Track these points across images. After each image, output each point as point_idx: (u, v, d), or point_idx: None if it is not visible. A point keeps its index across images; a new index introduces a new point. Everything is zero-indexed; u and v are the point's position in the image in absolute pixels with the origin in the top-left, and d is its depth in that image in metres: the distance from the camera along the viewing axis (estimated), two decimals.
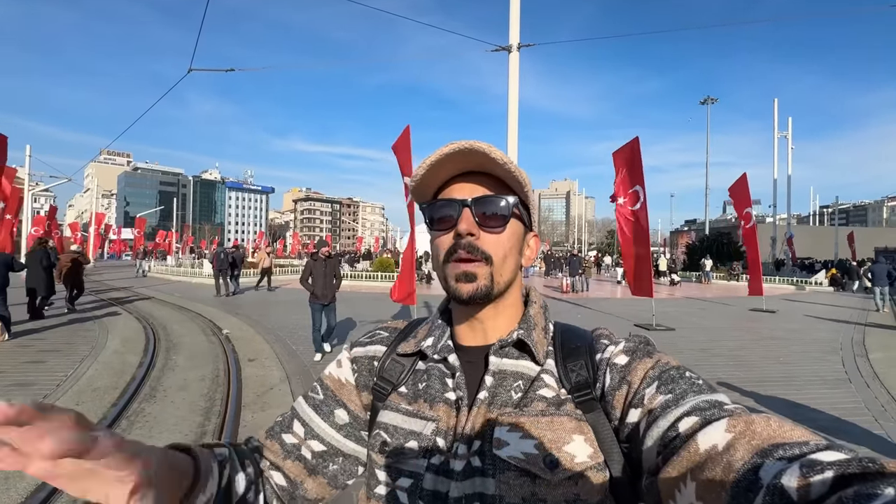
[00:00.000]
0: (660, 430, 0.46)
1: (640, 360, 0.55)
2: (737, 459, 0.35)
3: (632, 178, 9.28)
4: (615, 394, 0.54)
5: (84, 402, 4.55)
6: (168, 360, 6.20)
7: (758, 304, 12.79)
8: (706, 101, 43.35)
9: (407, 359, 0.66)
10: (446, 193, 0.62)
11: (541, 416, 0.55)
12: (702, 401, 0.45)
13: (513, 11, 8.75)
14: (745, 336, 8.84)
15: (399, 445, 0.59)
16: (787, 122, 33.44)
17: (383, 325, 0.74)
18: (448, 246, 0.60)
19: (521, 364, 0.60)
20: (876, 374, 6.03)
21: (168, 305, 11.90)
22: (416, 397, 0.62)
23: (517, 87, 8.82)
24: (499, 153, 0.56)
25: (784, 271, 27.56)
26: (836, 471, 0.29)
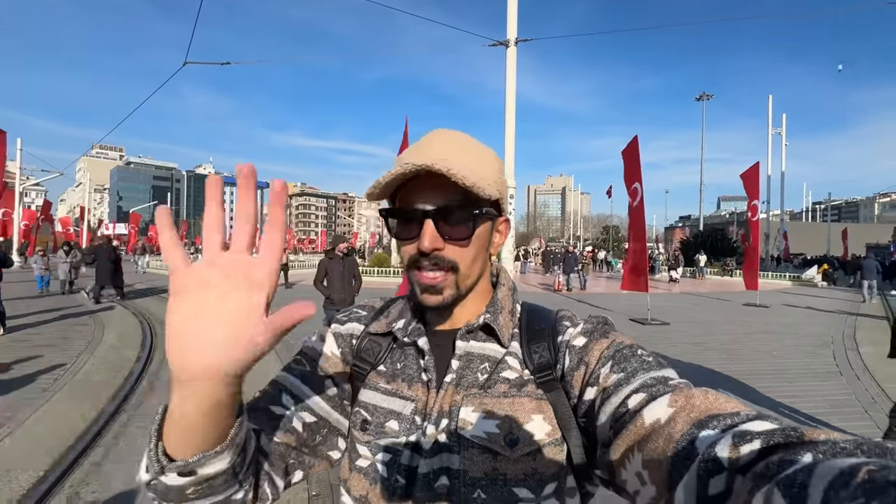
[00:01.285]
0: (612, 406, 0.48)
1: (597, 340, 0.57)
2: (676, 431, 0.38)
3: (632, 175, 9.34)
4: (574, 374, 0.56)
5: (83, 396, 4.55)
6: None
7: (752, 298, 12.93)
8: (701, 97, 43.40)
9: (383, 338, 0.67)
10: (407, 196, 0.59)
11: (503, 397, 0.58)
12: (649, 377, 0.48)
13: (510, 7, 8.74)
14: (739, 330, 8.95)
15: (380, 424, 0.61)
16: (782, 118, 33.67)
17: (360, 304, 0.75)
18: (411, 255, 0.59)
19: (487, 346, 0.62)
20: (866, 366, 6.14)
21: (162, 300, 11.85)
22: (394, 376, 0.64)
23: (514, 82, 8.83)
24: (461, 174, 0.53)
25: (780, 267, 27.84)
26: (762, 440, 0.31)
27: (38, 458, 3.27)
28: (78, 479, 3.00)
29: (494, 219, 0.63)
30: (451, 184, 0.55)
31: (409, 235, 0.59)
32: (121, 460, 3.26)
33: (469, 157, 0.59)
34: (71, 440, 3.56)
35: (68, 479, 3.00)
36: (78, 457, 3.27)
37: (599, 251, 35.61)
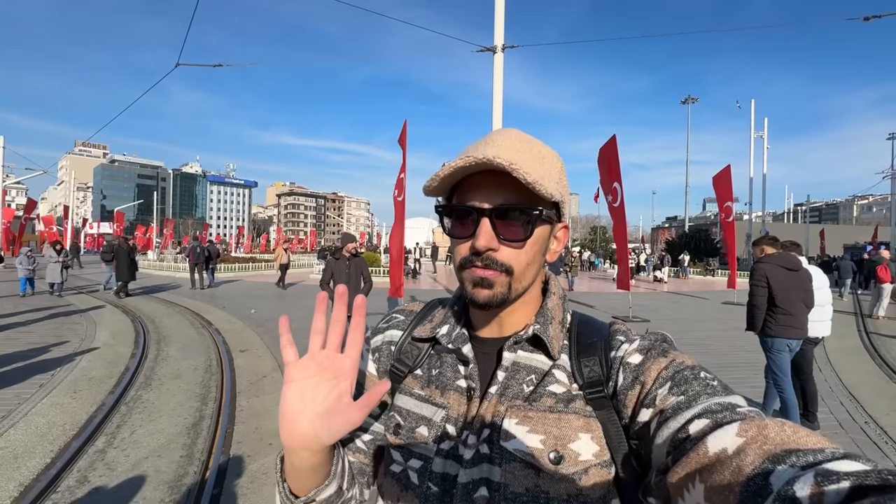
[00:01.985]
0: (670, 430, 0.46)
1: (655, 359, 0.54)
2: (747, 464, 0.35)
3: (612, 175, 9.65)
4: (628, 393, 0.54)
5: (81, 391, 4.69)
6: (160, 352, 6.33)
7: (729, 297, 13.40)
8: (687, 100, 44.27)
9: (423, 343, 0.66)
10: (464, 193, 0.58)
11: (549, 412, 0.56)
12: (714, 403, 0.45)
13: (497, 13, 9.00)
14: (715, 326, 9.35)
15: (411, 429, 0.61)
16: (764, 122, 34.52)
17: (399, 309, 0.74)
18: (464, 255, 0.58)
19: (534, 357, 0.60)
20: (829, 360, 6.54)
21: (153, 300, 11.89)
22: (428, 383, 0.63)
23: (502, 88, 9.09)
24: (524, 171, 0.52)
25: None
26: (853, 481, 0.27)
27: (43, 447, 3.44)
28: (85, 466, 3.17)
29: (553, 223, 0.62)
30: (511, 183, 0.54)
31: (463, 234, 0.58)
32: (124, 448, 3.44)
33: (531, 156, 0.57)
34: (74, 430, 3.72)
35: (75, 465, 3.18)
36: (83, 445, 3.44)
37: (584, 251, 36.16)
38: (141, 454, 3.35)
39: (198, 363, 5.80)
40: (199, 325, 8.44)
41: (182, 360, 5.94)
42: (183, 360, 5.94)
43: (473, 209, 0.56)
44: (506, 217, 0.56)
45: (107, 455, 3.33)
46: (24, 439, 3.57)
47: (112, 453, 3.36)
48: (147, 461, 3.25)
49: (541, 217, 0.57)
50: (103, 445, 3.48)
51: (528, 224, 0.56)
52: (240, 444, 3.57)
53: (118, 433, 3.69)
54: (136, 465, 3.18)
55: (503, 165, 0.51)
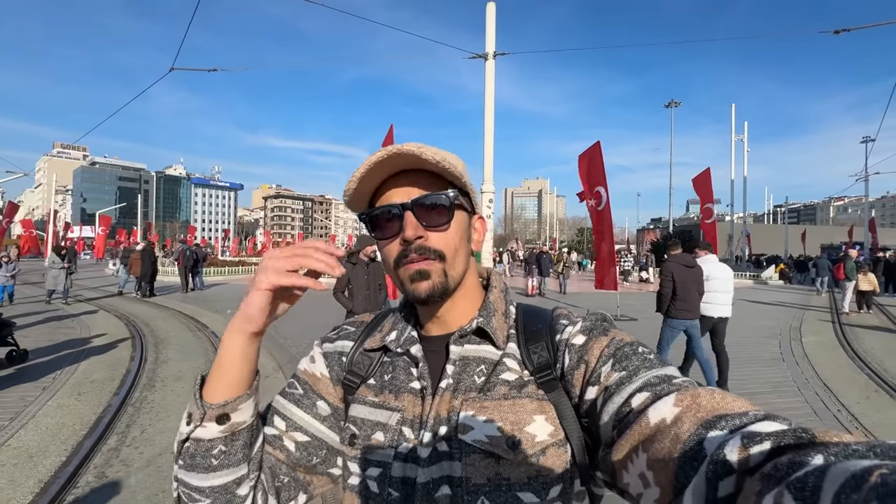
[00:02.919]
0: (615, 405, 0.48)
1: (596, 338, 0.57)
2: (683, 431, 0.38)
3: (595, 179, 9.94)
4: (574, 373, 0.56)
5: (85, 393, 4.75)
6: (159, 354, 6.38)
7: None
8: (670, 104, 45.18)
9: (374, 353, 0.67)
10: (383, 198, 0.61)
11: (503, 399, 0.57)
12: (652, 376, 0.48)
13: (488, 22, 9.25)
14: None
15: (367, 437, 0.60)
16: (744, 126, 35.48)
17: (350, 321, 0.75)
18: (397, 252, 0.60)
19: (482, 349, 0.62)
20: (806, 354, 6.89)
21: (144, 304, 11.82)
22: (382, 388, 0.63)
23: (493, 93, 9.32)
24: (430, 153, 0.56)
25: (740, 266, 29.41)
26: (773, 441, 0.30)
27: (56, 446, 3.53)
28: (101, 463, 3.27)
29: (470, 214, 0.65)
30: (423, 178, 0.60)
31: (390, 233, 0.60)
32: (137, 446, 3.54)
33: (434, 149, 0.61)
34: (84, 430, 3.81)
35: (91, 462, 3.27)
36: (95, 444, 3.53)
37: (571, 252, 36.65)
38: (154, 451, 3.45)
39: (198, 365, 5.87)
40: (195, 328, 8.46)
41: (182, 361, 6.01)
42: (183, 361, 6.01)
43: (395, 206, 0.60)
44: (425, 206, 0.59)
45: (121, 453, 3.43)
46: (37, 439, 3.64)
47: (126, 451, 3.46)
48: (161, 457, 3.36)
49: (456, 200, 0.61)
50: (116, 444, 3.57)
51: (447, 208, 0.60)
52: None
53: (129, 432, 3.79)
54: (151, 462, 3.29)
55: (412, 150, 0.56)
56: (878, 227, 30.76)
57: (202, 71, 8.83)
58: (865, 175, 24.55)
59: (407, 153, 0.56)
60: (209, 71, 8.72)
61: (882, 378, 5.56)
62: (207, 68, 8.65)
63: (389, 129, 8.20)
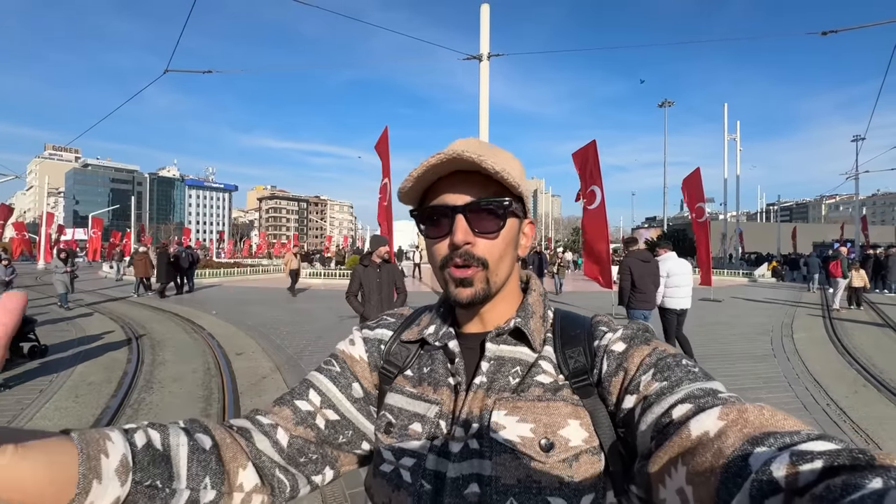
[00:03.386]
0: (654, 415, 0.47)
1: (637, 347, 0.55)
2: (727, 446, 0.36)
3: (591, 178, 10.02)
4: (612, 380, 0.55)
5: (83, 395, 4.76)
6: (156, 356, 6.38)
7: (706, 294, 13.98)
8: (664, 103, 45.51)
9: (413, 345, 0.68)
10: (437, 197, 0.61)
11: (537, 401, 0.56)
12: (696, 388, 0.46)
13: (483, 23, 9.32)
14: (692, 322, 9.72)
15: (403, 426, 0.61)
16: (736, 125, 35.81)
17: (389, 312, 0.76)
18: (444, 254, 0.60)
19: (518, 350, 0.61)
20: (797, 350, 7.00)
21: (139, 306, 11.78)
22: (420, 380, 0.64)
23: (488, 94, 9.40)
24: (490, 161, 0.55)
25: (733, 264, 29.68)
26: (825, 461, 0.29)
27: None
28: None
29: (521, 218, 0.64)
30: (479, 182, 0.59)
31: (439, 234, 0.61)
32: None
33: (494, 153, 0.61)
34: None
35: None
36: None
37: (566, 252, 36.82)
38: None
39: (196, 366, 5.88)
40: (191, 329, 8.46)
41: (179, 363, 6.02)
42: (180, 363, 6.02)
43: (448, 207, 0.59)
44: (478, 211, 0.59)
45: None
46: None
47: None
48: None
49: (510, 208, 0.60)
50: None
51: (500, 216, 0.60)
52: None
53: None
54: None
55: (472, 157, 0.55)
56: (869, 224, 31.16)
57: (196, 73, 8.83)
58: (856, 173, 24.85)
59: (467, 160, 0.55)
60: (203, 73, 8.72)
61: (870, 373, 5.67)
62: (202, 70, 8.66)
63: (384, 132, 8.22)
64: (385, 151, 8.04)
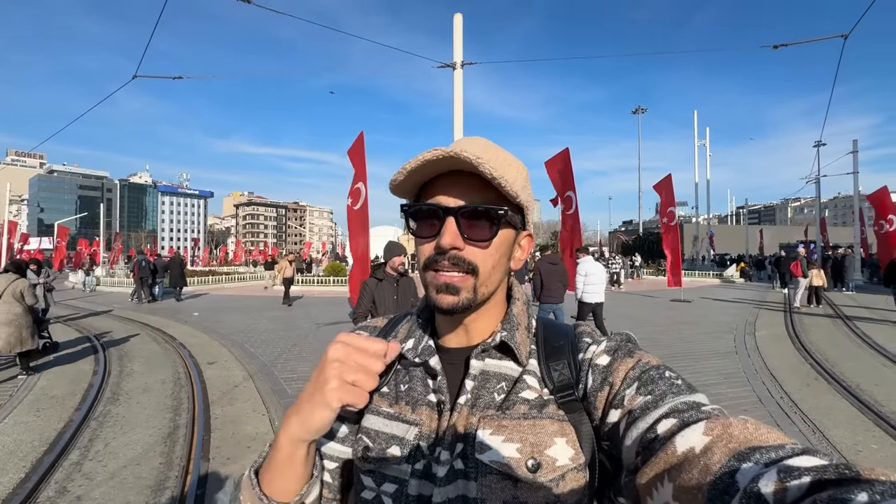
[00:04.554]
0: (639, 431, 0.46)
1: (622, 360, 0.55)
2: (714, 462, 0.36)
3: (566, 184, 10.28)
4: (597, 395, 0.54)
5: (44, 409, 4.62)
6: (124, 367, 6.23)
7: (677, 295, 14.44)
8: (637, 110, 46.91)
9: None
10: (431, 194, 0.58)
11: (523, 419, 0.55)
12: (680, 402, 0.46)
13: (456, 32, 9.47)
14: (663, 322, 10.13)
15: (381, 450, 0.58)
16: (706, 131, 37.12)
17: (363, 325, 0.72)
18: (429, 254, 0.57)
19: (503, 365, 0.59)
20: (757, 347, 7.33)
21: (109, 317, 11.41)
22: (397, 399, 0.61)
23: (461, 101, 9.53)
24: (488, 167, 0.52)
25: (704, 265, 30.65)
26: (813, 476, 0.29)
27: (14, 463, 3.45)
28: (62, 477, 3.22)
29: (518, 230, 0.61)
30: (477, 185, 0.56)
31: (428, 233, 0.58)
32: (101, 459, 3.50)
33: (497, 157, 0.58)
34: (44, 446, 3.73)
35: (52, 477, 3.22)
36: (56, 459, 3.47)
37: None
38: (119, 464, 3.42)
39: (165, 377, 5.77)
40: (162, 339, 8.27)
41: (148, 374, 5.89)
42: (149, 374, 5.89)
43: (439, 208, 0.56)
44: (471, 217, 0.56)
45: (83, 466, 3.38)
46: None
47: (89, 465, 3.41)
48: (126, 469, 3.33)
49: (505, 218, 0.57)
50: (78, 458, 3.52)
51: (493, 224, 0.57)
52: (219, 448, 3.70)
53: (92, 446, 3.73)
54: (115, 474, 3.27)
55: (469, 159, 0.52)
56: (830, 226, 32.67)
57: (167, 78, 8.70)
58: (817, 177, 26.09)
59: (465, 160, 0.52)
60: (174, 78, 8.59)
61: (823, 367, 6.00)
62: (172, 76, 8.53)
63: (358, 137, 8.21)
64: (360, 156, 8.05)
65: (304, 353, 7.10)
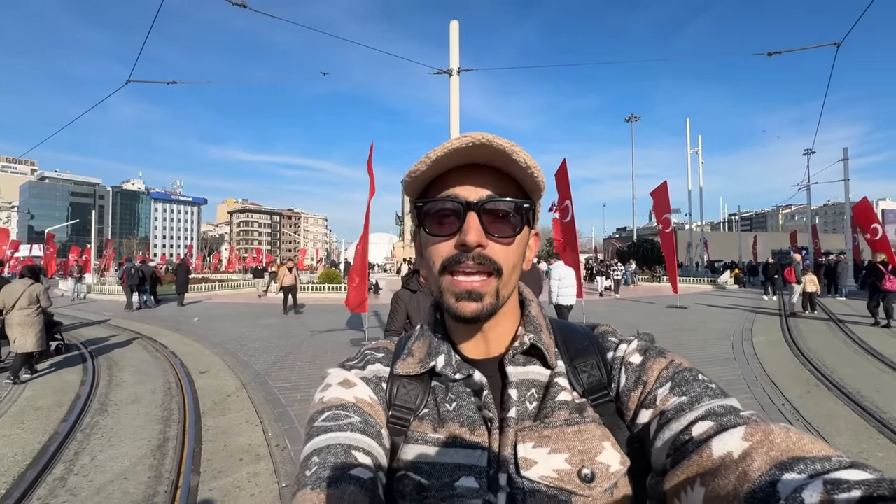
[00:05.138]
0: (672, 432, 0.44)
1: (655, 359, 0.53)
2: (753, 469, 0.34)
3: (564, 193, 10.31)
4: (630, 394, 0.51)
5: (28, 421, 4.47)
6: (113, 377, 6.07)
7: (673, 301, 14.44)
8: (630, 118, 47.41)
9: (415, 381, 0.56)
10: (442, 189, 0.53)
11: (566, 425, 0.51)
12: (717, 405, 0.44)
13: (452, 39, 9.51)
14: (659, 328, 10.09)
15: (446, 485, 0.49)
16: (698, 139, 37.51)
17: (371, 346, 0.63)
18: (448, 255, 0.51)
19: (531, 370, 0.55)
20: (756, 353, 7.30)
21: (99, 326, 11.20)
22: (442, 422, 0.53)
23: (458, 108, 9.55)
24: (522, 155, 0.49)
25: (698, 272, 30.79)
26: (864, 491, 0.27)
27: None
28: (45, 494, 3.09)
29: (531, 227, 0.57)
30: (494, 177, 0.52)
31: (445, 231, 0.52)
32: (86, 474, 3.36)
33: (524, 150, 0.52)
34: (27, 460, 3.59)
35: (34, 493, 3.09)
36: (39, 474, 3.33)
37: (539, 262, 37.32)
38: (105, 478, 3.29)
39: (155, 387, 5.63)
40: (153, 348, 8.11)
41: (138, 384, 5.74)
42: (139, 384, 5.74)
43: (460, 202, 0.51)
44: (495, 211, 0.51)
45: (68, 482, 3.25)
46: None
47: (73, 479, 3.28)
48: (113, 484, 3.20)
49: (531, 212, 0.54)
50: (62, 473, 3.38)
51: (519, 219, 0.53)
52: (210, 461, 3.58)
53: (77, 460, 3.59)
54: (101, 489, 3.14)
55: (504, 146, 0.48)
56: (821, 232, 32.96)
57: (161, 83, 8.62)
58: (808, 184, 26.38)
59: (497, 148, 0.48)
60: (168, 83, 8.52)
61: (822, 373, 5.97)
62: (166, 81, 8.46)
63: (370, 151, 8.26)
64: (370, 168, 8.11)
65: (298, 361, 6.97)
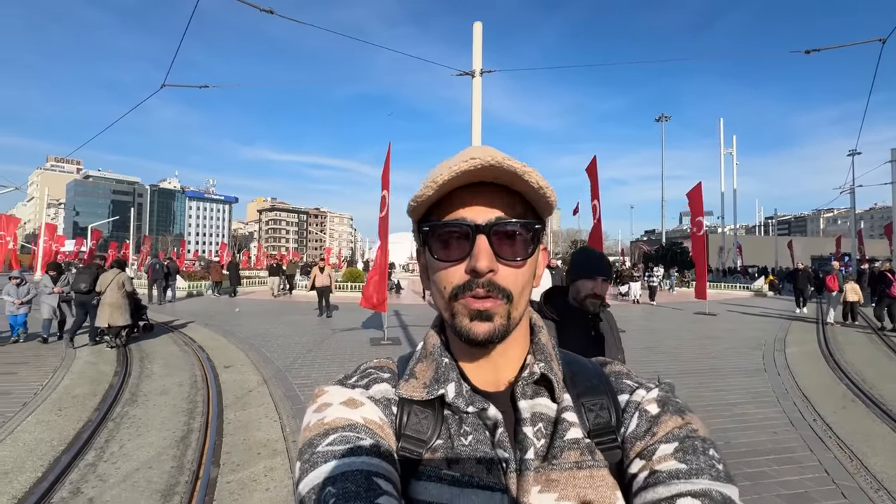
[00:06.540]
0: (657, 496, 0.42)
1: (671, 415, 0.48)
2: None
3: (593, 193, 10.11)
4: (636, 442, 0.48)
5: (66, 409, 4.73)
6: (143, 369, 6.36)
7: (702, 308, 13.96)
8: (660, 118, 46.08)
9: (426, 409, 0.52)
10: (452, 210, 0.50)
11: (576, 468, 0.46)
12: (715, 490, 0.41)
13: (475, 40, 9.48)
14: (686, 336, 9.77)
15: None
16: (732, 139, 36.20)
17: (373, 364, 0.58)
18: (459, 281, 0.49)
19: (540, 403, 0.51)
20: (788, 365, 6.97)
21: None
22: (457, 458, 0.48)
23: (480, 109, 9.51)
24: (535, 175, 0.46)
25: (729, 278, 29.66)
26: None
27: (32, 462, 3.51)
28: (77, 478, 3.26)
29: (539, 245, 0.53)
30: (501, 197, 0.49)
31: (453, 257, 0.49)
32: (115, 461, 3.53)
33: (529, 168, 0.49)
34: (63, 445, 3.79)
35: (67, 477, 3.27)
36: (73, 459, 3.52)
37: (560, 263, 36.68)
38: (132, 466, 3.45)
39: (182, 379, 5.85)
40: (182, 342, 8.43)
41: (167, 376, 5.99)
42: (167, 376, 5.99)
43: (469, 225, 0.48)
44: (504, 233, 0.49)
45: (98, 468, 3.42)
46: (13, 455, 3.63)
47: (103, 466, 3.45)
48: (138, 472, 3.35)
49: (542, 232, 0.51)
50: (93, 459, 3.56)
51: (529, 241, 0.50)
52: (229, 454, 3.69)
53: (107, 447, 3.78)
54: (127, 477, 3.29)
55: (514, 168, 0.46)
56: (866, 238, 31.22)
57: (193, 88, 8.96)
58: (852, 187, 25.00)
59: (508, 170, 0.46)
60: (200, 87, 8.84)
61: (860, 388, 5.65)
62: (198, 85, 8.78)
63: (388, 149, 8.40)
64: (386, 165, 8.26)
65: (318, 359, 7.11)
